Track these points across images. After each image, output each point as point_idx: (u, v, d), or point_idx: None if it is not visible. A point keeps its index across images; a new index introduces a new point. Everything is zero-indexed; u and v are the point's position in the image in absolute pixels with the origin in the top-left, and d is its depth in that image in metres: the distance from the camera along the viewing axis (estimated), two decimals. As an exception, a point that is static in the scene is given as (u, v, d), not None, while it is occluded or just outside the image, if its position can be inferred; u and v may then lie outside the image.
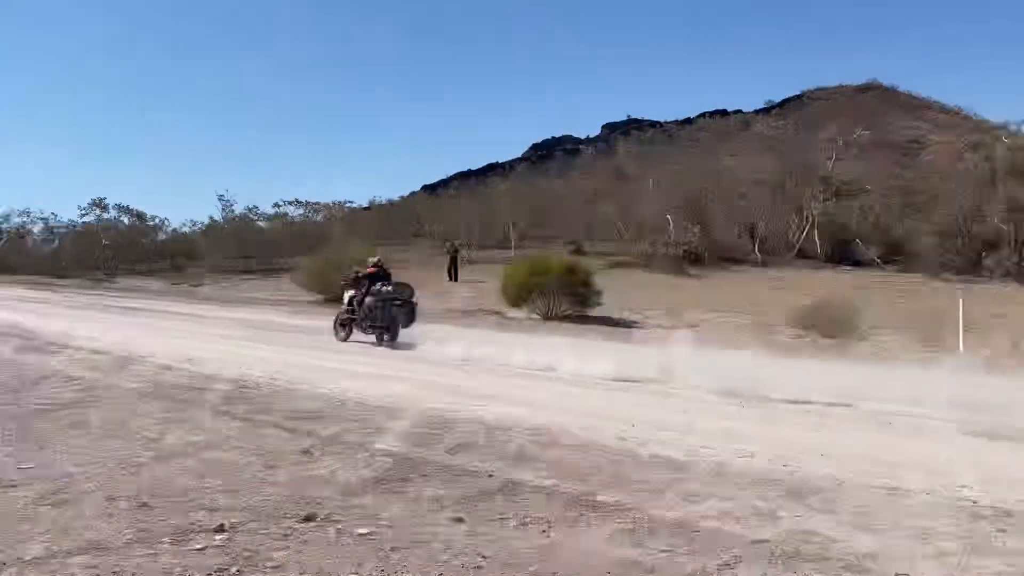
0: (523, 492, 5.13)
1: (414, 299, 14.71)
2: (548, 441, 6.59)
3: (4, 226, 59.73)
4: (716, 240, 39.30)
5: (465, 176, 74.74)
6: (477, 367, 11.32)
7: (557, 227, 45.84)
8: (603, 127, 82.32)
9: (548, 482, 5.32)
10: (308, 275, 27.04)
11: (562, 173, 62.55)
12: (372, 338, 14.11)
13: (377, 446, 6.33)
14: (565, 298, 21.16)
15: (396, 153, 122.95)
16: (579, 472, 5.62)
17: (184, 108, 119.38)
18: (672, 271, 33.80)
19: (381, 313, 14.13)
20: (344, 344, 14.38)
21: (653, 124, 73.52)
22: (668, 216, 38.09)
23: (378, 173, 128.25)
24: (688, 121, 73.58)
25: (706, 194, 41.18)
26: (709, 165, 48.62)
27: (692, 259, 36.75)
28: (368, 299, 14.31)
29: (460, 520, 4.61)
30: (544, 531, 4.49)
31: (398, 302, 14.23)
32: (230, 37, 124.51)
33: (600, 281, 22.57)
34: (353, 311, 14.68)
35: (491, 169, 75.60)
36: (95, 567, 3.95)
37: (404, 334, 13.78)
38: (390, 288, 14.41)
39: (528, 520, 4.62)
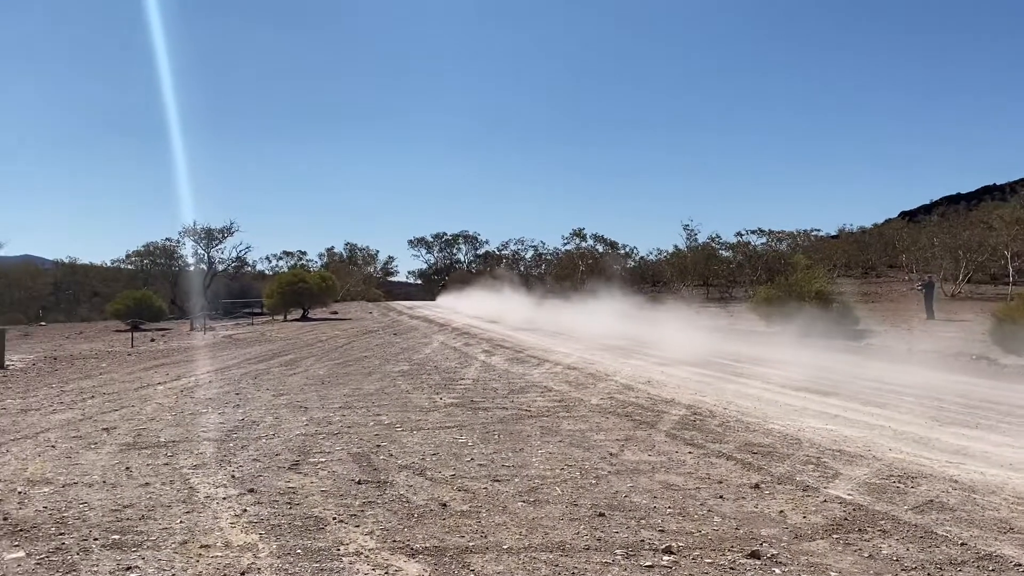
0: (1004, 568, 4.34)
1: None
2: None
3: (502, 252, 69.84)
4: None
5: (953, 200, 67.00)
6: (958, 414, 9.92)
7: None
8: None
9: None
10: (765, 305, 26.51)
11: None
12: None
13: (831, 491, 5.92)
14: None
15: (870, 177, 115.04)
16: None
17: (648, 139, 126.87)
18: None
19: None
20: (807, 379, 13.77)
21: None
22: None
23: (849, 199, 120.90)
24: None
25: None
26: None
27: None
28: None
29: (927, 590, 4.07)
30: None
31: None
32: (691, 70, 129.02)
33: None
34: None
35: (986, 192, 66.60)
36: (557, 565, 4.33)
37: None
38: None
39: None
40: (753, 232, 56.77)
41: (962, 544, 4.74)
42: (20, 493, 5.90)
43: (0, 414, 9.92)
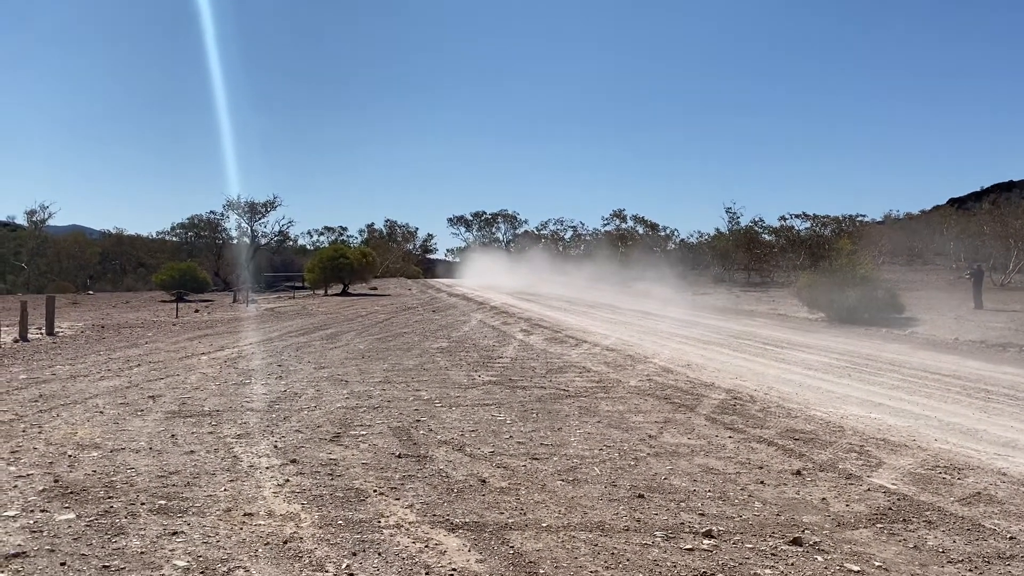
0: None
1: None
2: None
3: (542, 232, 69.91)
4: None
5: (1005, 188, 65.27)
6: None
7: None
8: None
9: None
10: (809, 291, 26.04)
11: None
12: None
13: (875, 480, 5.81)
14: None
15: (919, 163, 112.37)
16: None
17: (688, 123, 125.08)
18: None
19: None
20: (851, 367, 13.58)
21: None
22: None
23: (897, 185, 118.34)
24: None
25: None
26: None
27: None
28: None
29: (976, 584, 3.98)
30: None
31: None
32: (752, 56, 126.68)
33: None
34: None
35: (1040, 178, 64.86)
36: (596, 545, 4.32)
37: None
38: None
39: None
40: (797, 216, 55.80)
41: (1011, 538, 4.63)
42: (70, 457, 6.05)
43: (50, 380, 10.18)
